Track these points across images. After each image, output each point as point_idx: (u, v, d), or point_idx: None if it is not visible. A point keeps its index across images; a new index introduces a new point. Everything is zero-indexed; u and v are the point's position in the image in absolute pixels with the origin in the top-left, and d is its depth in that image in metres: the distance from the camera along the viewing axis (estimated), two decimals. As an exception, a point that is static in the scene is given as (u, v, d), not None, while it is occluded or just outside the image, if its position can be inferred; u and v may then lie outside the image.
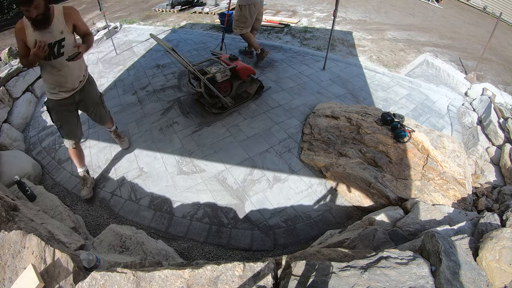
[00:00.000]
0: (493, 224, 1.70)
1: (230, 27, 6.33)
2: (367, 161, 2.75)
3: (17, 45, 2.11)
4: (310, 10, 7.91)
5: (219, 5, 8.24)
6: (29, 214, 1.94)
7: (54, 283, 1.29)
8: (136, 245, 1.96)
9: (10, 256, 1.37)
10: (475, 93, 4.18)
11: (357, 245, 1.75)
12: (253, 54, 5.00)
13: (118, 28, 7.13)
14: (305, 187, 2.74)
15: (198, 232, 2.44)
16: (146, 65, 5.08)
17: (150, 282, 1.20)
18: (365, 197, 2.55)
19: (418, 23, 7.48)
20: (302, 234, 2.39)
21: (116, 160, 3.16)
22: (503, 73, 5.06)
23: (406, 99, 4.02)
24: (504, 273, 1.29)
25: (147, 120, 3.69)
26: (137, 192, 2.80)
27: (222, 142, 3.26)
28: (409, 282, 1.14)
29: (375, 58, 5.23)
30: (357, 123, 3.06)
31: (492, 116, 3.39)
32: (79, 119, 2.63)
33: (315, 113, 3.46)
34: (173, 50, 3.07)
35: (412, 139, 2.81)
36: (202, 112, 3.74)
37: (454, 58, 5.39)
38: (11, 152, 3.16)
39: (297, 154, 3.06)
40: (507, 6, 9.26)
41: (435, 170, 2.59)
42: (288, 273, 1.26)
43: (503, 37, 7.32)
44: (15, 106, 4.04)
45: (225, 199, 2.67)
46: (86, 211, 2.68)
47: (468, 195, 2.49)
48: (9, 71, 4.15)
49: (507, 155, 2.84)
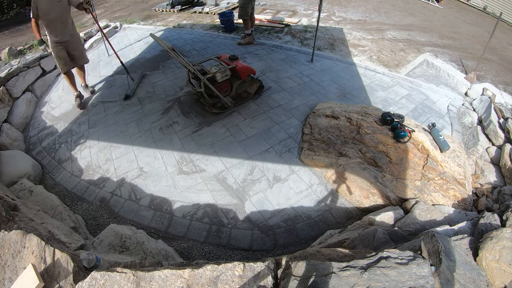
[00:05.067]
0: (493, 224, 1.70)
1: (230, 27, 6.35)
2: (367, 161, 2.75)
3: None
4: (310, 10, 7.91)
5: (219, 5, 8.24)
6: (29, 214, 1.94)
7: (54, 283, 1.29)
8: (136, 245, 1.96)
9: (10, 256, 1.37)
10: (475, 93, 4.18)
11: (357, 245, 1.75)
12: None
13: (118, 28, 7.12)
14: (305, 187, 2.74)
15: (198, 232, 2.44)
16: (145, 64, 5.08)
17: (150, 282, 1.20)
18: (365, 197, 2.55)
19: (418, 23, 7.47)
20: (302, 234, 2.39)
21: (116, 160, 3.16)
22: (503, 73, 5.05)
23: (406, 99, 4.02)
24: (504, 273, 1.29)
25: (147, 120, 3.69)
26: (137, 192, 2.80)
27: (222, 142, 3.26)
28: (409, 282, 1.14)
29: (375, 58, 5.23)
30: (357, 123, 3.06)
31: (492, 116, 3.39)
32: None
33: (315, 113, 3.46)
34: (173, 50, 3.07)
35: (412, 139, 2.81)
36: (202, 112, 3.74)
37: (454, 58, 5.39)
38: (11, 152, 3.16)
39: (297, 154, 3.06)
40: (507, 6, 9.25)
41: (435, 170, 2.59)
42: (288, 273, 1.26)
43: (503, 37, 7.32)
44: (15, 106, 4.04)
45: (225, 199, 2.67)
46: (86, 211, 2.68)
47: (468, 195, 2.49)
48: (9, 71, 4.15)
49: (507, 155, 2.84)
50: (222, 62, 3.63)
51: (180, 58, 3.18)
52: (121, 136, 3.47)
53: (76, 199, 2.81)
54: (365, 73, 4.64)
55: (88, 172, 3.07)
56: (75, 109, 4.03)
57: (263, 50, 5.32)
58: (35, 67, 4.68)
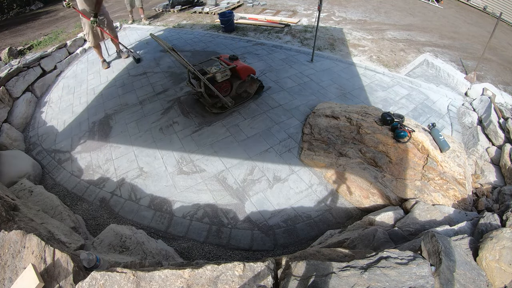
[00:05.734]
0: (493, 224, 1.70)
1: (230, 27, 6.35)
2: (367, 161, 2.75)
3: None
4: (310, 10, 7.91)
5: (219, 5, 8.24)
6: (29, 214, 1.94)
7: (54, 283, 1.29)
8: (136, 245, 1.96)
9: (10, 256, 1.37)
10: (475, 93, 4.18)
11: (357, 245, 1.75)
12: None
13: (118, 28, 7.12)
14: (305, 187, 2.74)
15: (198, 232, 2.44)
16: (145, 64, 5.08)
17: (150, 282, 1.20)
18: (365, 197, 2.55)
19: (418, 23, 7.47)
20: (302, 234, 2.39)
21: (116, 160, 3.16)
22: (503, 73, 5.05)
23: (406, 99, 4.02)
24: (504, 273, 1.29)
25: (147, 120, 3.69)
26: (137, 192, 2.80)
27: (222, 142, 3.26)
28: (409, 282, 1.14)
29: (375, 58, 5.23)
30: (357, 123, 3.06)
31: (492, 116, 3.39)
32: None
33: (315, 113, 3.46)
34: (173, 50, 3.07)
35: (412, 139, 2.81)
36: (202, 112, 3.74)
37: (454, 58, 5.39)
38: (11, 152, 3.16)
39: (297, 154, 3.06)
40: (507, 6, 9.25)
41: (435, 170, 2.59)
42: (288, 273, 1.26)
43: (503, 37, 7.32)
44: (15, 106, 4.04)
45: (225, 199, 2.67)
46: (86, 211, 2.68)
47: (468, 195, 2.49)
48: (9, 71, 4.15)
49: (507, 155, 2.84)
50: (222, 62, 3.63)
51: (180, 58, 3.18)
52: (121, 136, 3.47)
53: (76, 199, 2.81)
54: (365, 73, 4.64)
55: (88, 172, 3.07)
56: (76, 106, 4.03)
57: (263, 50, 5.32)
58: (35, 67, 4.68)
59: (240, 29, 6.51)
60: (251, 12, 7.87)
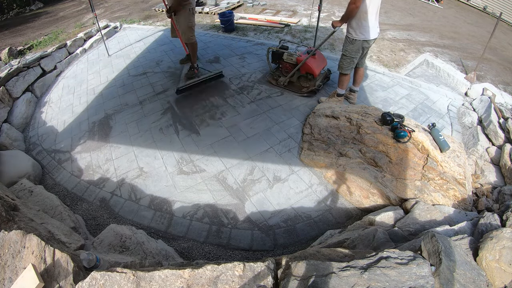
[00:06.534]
0: (493, 224, 1.70)
1: (230, 27, 6.35)
2: (367, 161, 2.75)
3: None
4: (310, 10, 7.90)
5: (219, 5, 8.24)
6: (29, 214, 1.94)
7: (54, 283, 1.29)
8: (136, 245, 1.96)
9: (10, 256, 1.37)
10: (475, 93, 4.18)
11: (357, 245, 1.75)
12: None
13: (118, 28, 7.12)
14: (305, 187, 2.74)
15: (198, 232, 2.44)
16: (145, 64, 5.08)
17: (150, 282, 1.20)
18: (365, 197, 2.55)
19: (418, 23, 7.47)
20: (302, 234, 2.39)
21: (116, 160, 3.16)
22: (503, 73, 5.05)
23: (406, 99, 4.02)
24: (504, 273, 1.29)
25: (147, 120, 3.69)
26: (137, 192, 2.80)
27: (222, 142, 3.26)
28: (409, 282, 1.14)
29: (375, 58, 5.23)
30: (357, 123, 3.06)
31: (492, 116, 3.38)
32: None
33: (315, 113, 3.46)
34: None
35: (412, 139, 2.81)
36: (202, 112, 3.73)
37: (454, 58, 5.39)
38: (11, 152, 3.16)
39: (297, 154, 3.06)
40: (507, 6, 9.25)
41: (435, 170, 2.59)
42: (288, 273, 1.26)
43: (503, 37, 7.32)
44: (15, 106, 4.04)
45: (225, 199, 2.67)
46: (86, 211, 2.68)
47: (468, 195, 2.49)
48: (9, 71, 4.16)
49: (507, 155, 2.83)
50: (299, 50, 4.04)
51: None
52: (121, 136, 3.48)
53: (76, 199, 2.81)
54: (365, 73, 4.63)
55: (88, 172, 3.08)
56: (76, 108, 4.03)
57: (263, 50, 5.32)
58: (35, 67, 4.68)
59: (240, 29, 6.51)
60: (251, 12, 7.87)
